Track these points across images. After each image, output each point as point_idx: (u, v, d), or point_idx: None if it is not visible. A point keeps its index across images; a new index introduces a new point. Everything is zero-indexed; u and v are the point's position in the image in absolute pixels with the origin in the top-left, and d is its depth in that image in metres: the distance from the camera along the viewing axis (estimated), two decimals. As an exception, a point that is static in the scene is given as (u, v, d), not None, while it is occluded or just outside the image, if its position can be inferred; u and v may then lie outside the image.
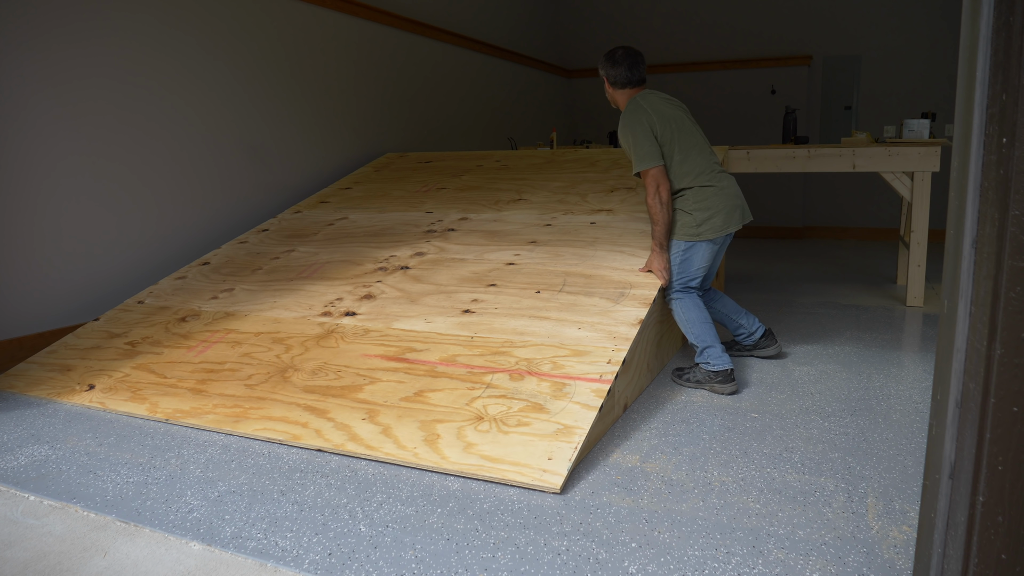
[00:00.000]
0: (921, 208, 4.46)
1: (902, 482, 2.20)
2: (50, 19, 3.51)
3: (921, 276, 4.57)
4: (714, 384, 3.07)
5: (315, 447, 2.51)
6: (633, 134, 3.13)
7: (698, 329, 3.15)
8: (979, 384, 1.05)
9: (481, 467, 2.27)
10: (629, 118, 3.16)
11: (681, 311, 3.19)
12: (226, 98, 4.52)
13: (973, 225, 1.06)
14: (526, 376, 2.67)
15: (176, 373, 3.08)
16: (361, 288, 3.55)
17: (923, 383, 3.13)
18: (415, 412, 2.57)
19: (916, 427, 2.64)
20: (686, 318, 3.18)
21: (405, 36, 6.18)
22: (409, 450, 2.39)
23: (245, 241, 4.42)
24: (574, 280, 3.30)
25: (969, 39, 1.07)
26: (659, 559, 1.80)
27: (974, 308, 1.06)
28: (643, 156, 3.11)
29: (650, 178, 3.11)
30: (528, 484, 2.19)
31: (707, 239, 3.15)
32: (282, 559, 1.84)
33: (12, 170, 3.38)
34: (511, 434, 2.39)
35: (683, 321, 3.19)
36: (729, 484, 2.21)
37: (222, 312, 3.55)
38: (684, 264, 3.19)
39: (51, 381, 3.18)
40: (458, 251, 3.79)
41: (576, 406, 2.47)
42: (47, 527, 2.04)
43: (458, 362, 2.82)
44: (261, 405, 2.77)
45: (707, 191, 3.15)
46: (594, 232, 3.77)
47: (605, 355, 2.72)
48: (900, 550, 1.81)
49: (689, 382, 3.14)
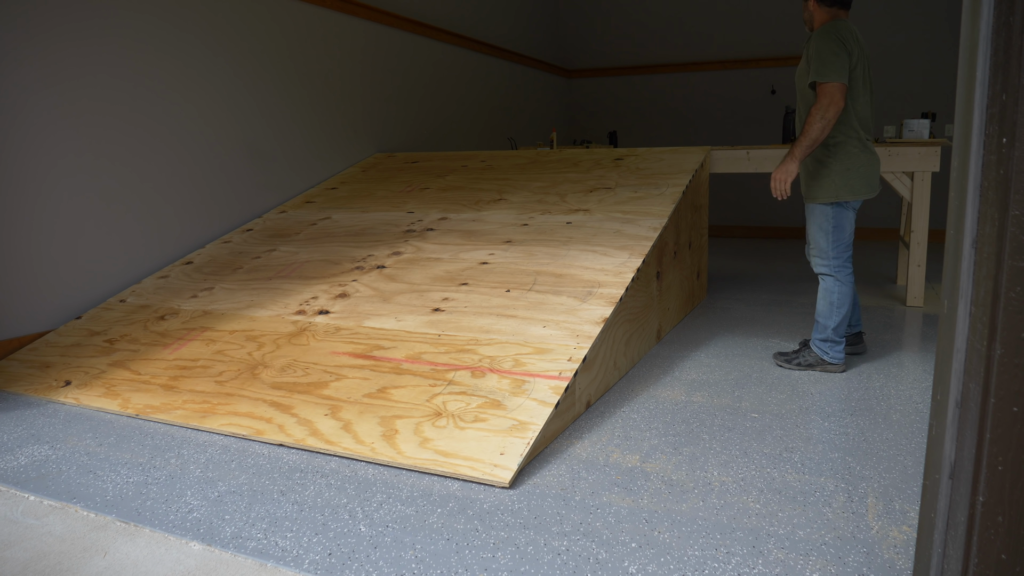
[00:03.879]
0: (921, 208, 4.46)
1: (902, 482, 2.19)
2: (50, 18, 3.51)
3: (921, 276, 4.57)
4: (826, 366, 3.18)
5: (277, 442, 2.55)
6: (828, 45, 2.95)
7: (839, 319, 3.13)
8: (979, 384, 1.05)
9: (435, 462, 2.31)
10: (832, 30, 2.99)
11: (837, 291, 3.12)
12: (227, 98, 4.52)
13: (973, 225, 1.06)
14: (487, 373, 2.71)
15: (150, 370, 3.13)
16: (337, 287, 3.59)
17: (923, 383, 3.13)
18: (376, 408, 2.62)
19: (916, 427, 2.63)
20: (838, 301, 3.12)
21: (406, 36, 6.18)
22: (367, 445, 2.43)
23: (229, 240, 4.44)
24: (544, 279, 3.33)
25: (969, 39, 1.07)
26: (659, 559, 1.80)
27: (974, 308, 1.06)
28: (831, 68, 2.93)
29: (827, 91, 2.94)
30: (479, 479, 2.24)
31: (863, 197, 3.08)
32: (282, 559, 1.84)
33: (12, 170, 3.38)
34: (467, 430, 2.43)
35: (832, 304, 3.12)
36: (729, 484, 2.21)
37: (200, 311, 3.58)
38: (838, 230, 3.08)
39: (29, 377, 3.22)
40: (434, 251, 3.82)
41: (533, 403, 2.51)
42: (47, 527, 2.04)
43: (423, 359, 2.86)
44: (229, 401, 2.82)
45: (869, 146, 3.10)
46: (569, 232, 3.79)
47: (567, 353, 2.75)
48: (900, 550, 1.81)
49: (800, 366, 3.20)
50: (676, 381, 3.22)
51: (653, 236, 3.55)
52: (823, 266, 3.17)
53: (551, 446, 2.51)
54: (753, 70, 8.49)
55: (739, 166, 4.76)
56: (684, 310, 4.38)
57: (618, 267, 3.30)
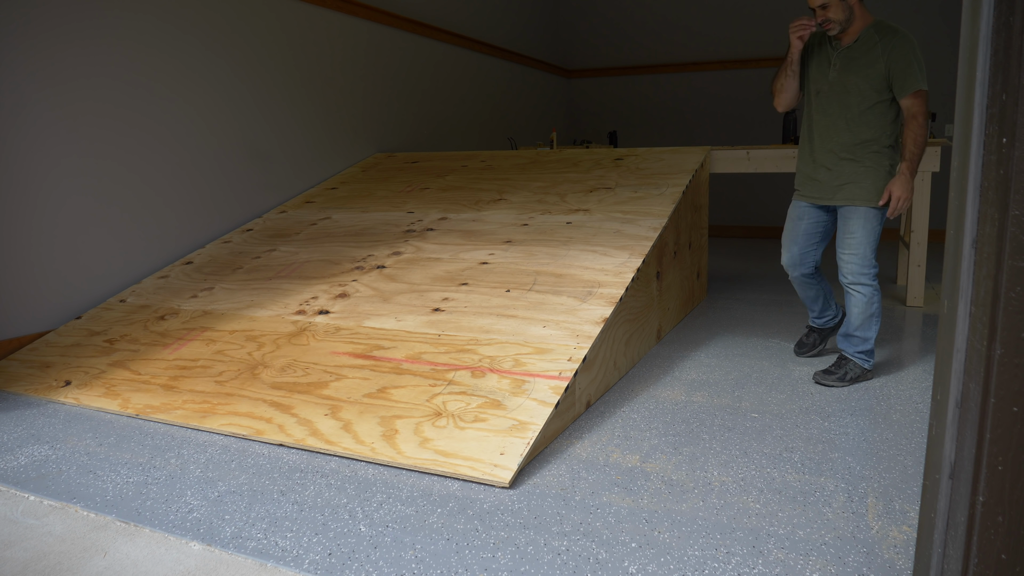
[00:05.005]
0: (921, 208, 4.46)
1: (902, 482, 2.19)
2: (50, 18, 3.51)
3: (921, 276, 4.57)
4: (868, 374, 3.13)
5: (277, 442, 2.55)
6: (918, 51, 2.89)
7: (876, 329, 3.06)
8: (979, 384, 1.05)
9: (435, 462, 2.31)
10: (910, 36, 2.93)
11: (878, 299, 3.05)
12: (227, 98, 4.52)
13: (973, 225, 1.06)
14: (487, 373, 2.71)
15: (150, 370, 3.13)
16: (337, 287, 3.59)
17: (923, 383, 3.13)
18: (376, 408, 2.62)
19: (916, 427, 2.63)
20: (878, 310, 3.06)
21: (406, 36, 6.18)
22: (367, 445, 2.43)
23: (229, 241, 4.44)
24: (544, 279, 3.32)
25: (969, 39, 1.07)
26: (659, 559, 1.80)
27: (974, 308, 1.06)
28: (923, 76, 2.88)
29: (925, 98, 2.89)
30: (479, 479, 2.23)
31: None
32: (282, 559, 1.84)
33: (12, 170, 3.38)
34: (467, 430, 2.43)
35: (873, 315, 3.05)
36: (729, 484, 2.21)
37: (200, 311, 3.58)
38: (877, 236, 3.04)
39: (29, 377, 3.22)
40: (434, 251, 3.82)
41: (533, 403, 2.51)
42: (47, 527, 2.04)
43: (423, 359, 2.86)
44: (229, 401, 2.82)
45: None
46: (569, 232, 3.78)
47: (567, 353, 2.75)
48: (900, 550, 1.81)
49: (845, 381, 3.08)
50: (676, 381, 3.22)
51: (653, 236, 3.55)
52: (863, 275, 3.03)
53: (551, 446, 2.51)
54: (753, 70, 8.48)
55: (739, 166, 4.76)
56: (684, 310, 4.38)
57: (618, 267, 3.30)
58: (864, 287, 3.03)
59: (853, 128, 3.02)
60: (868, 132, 3.00)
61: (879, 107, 2.98)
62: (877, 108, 2.98)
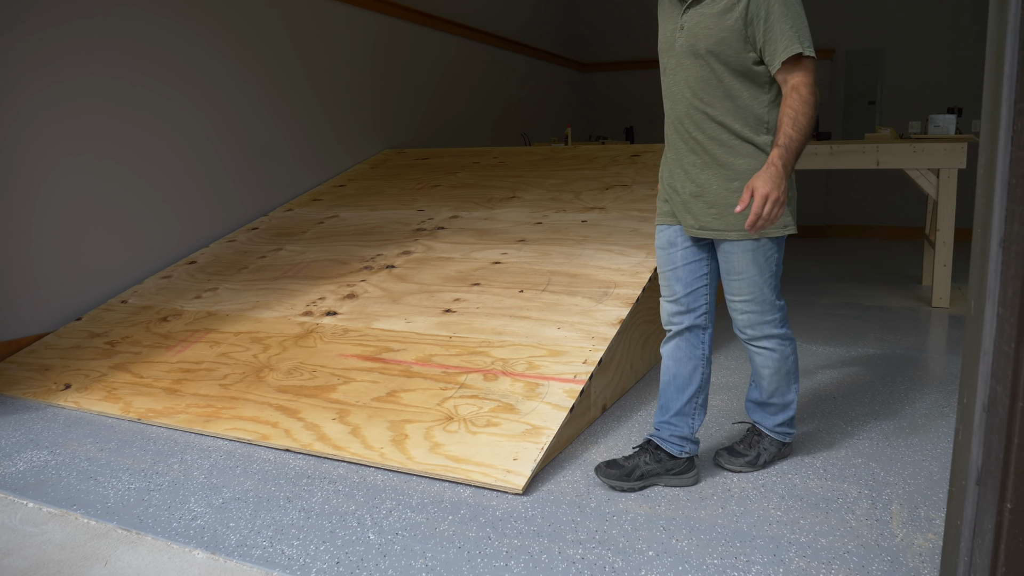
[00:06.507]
0: (947, 206, 4.38)
1: (927, 488, 2.15)
2: (50, 16, 3.49)
3: (947, 276, 4.50)
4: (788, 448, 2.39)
5: (283, 447, 2.52)
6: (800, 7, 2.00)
7: (796, 389, 2.31)
8: (1007, 387, 1.04)
9: (446, 467, 2.27)
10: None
11: (793, 352, 2.26)
12: (231, 93, 4.50)
13: (1000, 223, 1.05)
14: (500, 376, 2.66)
15: (152, 373, 3.10)
16: (345, 288, 3.55)
17: (949, 386, 3.07)
18: (386, 412, 2.58)
19: (942, 432, 2.58)
20: (795, 365, 2.28)
21: (416, 29, 6.14)
22: (376, 450, 2.39)
23: (233, 240, 4.42)
24: (559, 279, 3.27)
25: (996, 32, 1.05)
26: (677, 568, 1.76)
27: (1001, 309, 1.05)
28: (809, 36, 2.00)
29: (813, 69, 1.99)
30: (491, 485, 2.19)
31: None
32: (288, 568, 1.81)
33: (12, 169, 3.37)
34: (479, 434, 2.38)
35: (790, 372, 2.27)
36: (749, 490, 2.16)
37: (204, 312, 3.55)
38: (778, 271, 2.19)
39: (28, 380, 3.20)
40: (445, 250, 3.78)
41: (547, 407, 2.46)
42: (46, 535, 2.02)
43: (434, 362, 2.82)
44: (233, 405, 2.78)
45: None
46: (584, 230, 3.73)
47: (582, 355, 2.69)
48: (925, 558, 1.77)
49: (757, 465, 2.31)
50: (693, 382, 3.16)
51: (670, 234, 3.49)
52: (770, 324, 2.18)
53: (566, 451, 2.47)
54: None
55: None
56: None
57: (635, 267, 3.24)
58: (770, 340, 2.21)
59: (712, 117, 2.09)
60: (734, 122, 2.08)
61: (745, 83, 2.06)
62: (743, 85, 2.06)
